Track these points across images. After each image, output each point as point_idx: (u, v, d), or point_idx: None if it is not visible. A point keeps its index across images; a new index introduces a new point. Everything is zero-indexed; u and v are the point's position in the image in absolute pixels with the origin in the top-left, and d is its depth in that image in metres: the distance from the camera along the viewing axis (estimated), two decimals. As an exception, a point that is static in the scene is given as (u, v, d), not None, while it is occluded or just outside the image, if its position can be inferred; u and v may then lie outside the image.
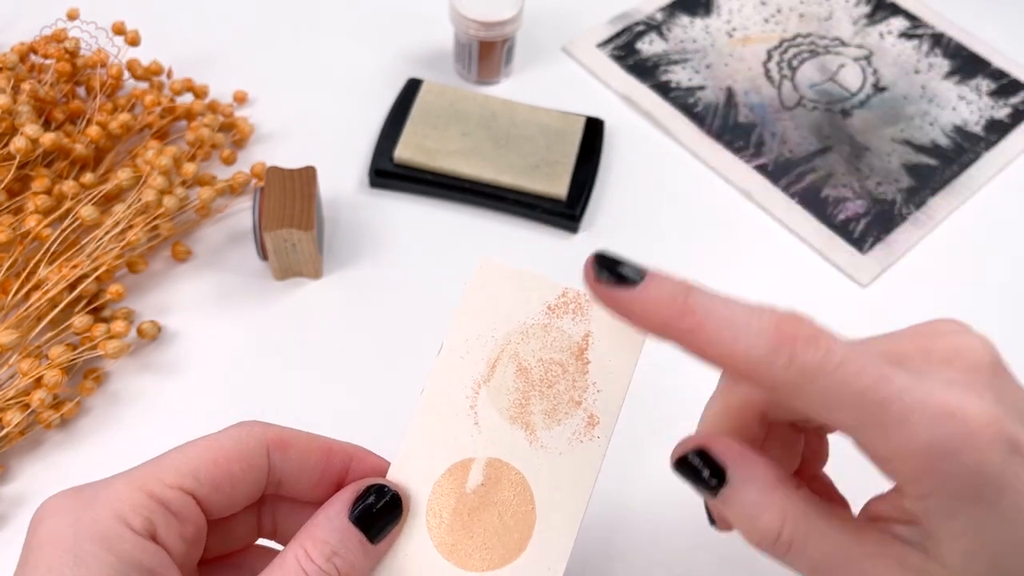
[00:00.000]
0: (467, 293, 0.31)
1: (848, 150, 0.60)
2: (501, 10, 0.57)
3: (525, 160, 0.55)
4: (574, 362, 0.30)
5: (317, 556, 0.26)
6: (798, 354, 0.24)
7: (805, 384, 0.24)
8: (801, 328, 0.24)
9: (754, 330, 0.24)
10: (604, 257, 0.27)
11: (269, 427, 0.29)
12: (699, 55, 0.65)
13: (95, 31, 0.57)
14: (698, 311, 0.25)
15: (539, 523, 0.29)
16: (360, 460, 0.30)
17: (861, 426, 0.24)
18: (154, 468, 0.26)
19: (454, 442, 0.30)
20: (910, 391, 0.23)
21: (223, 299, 0.51)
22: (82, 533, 0.24)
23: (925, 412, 0.23)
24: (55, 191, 0.49)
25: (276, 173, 0.50)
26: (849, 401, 0.24)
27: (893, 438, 0.24)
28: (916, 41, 0.67)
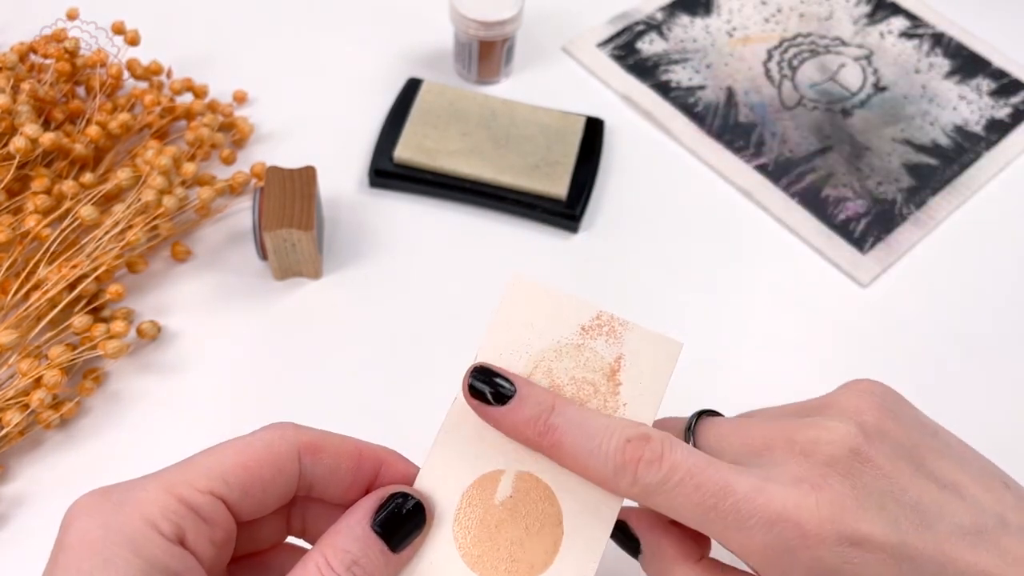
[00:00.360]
0: (501, 307, 0.31)
1: (848, 150, 0.60)
2: (501, 10, 0.57)
3: (525, 160, 0.55)
4: (605, 383, 0.31)
5: (337, 564, 0.26)
6: (640, 475, 0.27)
7: (648, 498, 0.28)
8: (646, 450, 0.27)
9: (602, 452, 0.28)
10: (479, 372, 0.30)
11: (301, 430, 0.28)
12: (699, 55, 0.65)
13: (95, 31, 0.57)
14: (557, 431, 0.29)
15: (566, 539, 0.29)
16: (390, 465, 0.30)
17: (706, 530, 0.28)
18: (185, 471, 0.26)
19: (484, 453, 0.30)
20: (748, 500, 0.27)
21: (223, 299, 0.51)
22: (111, 536, 0.24)
23: (762, 518, 0.26)
24: (55, 191, 0.49)
25: (276, 173, 0.50)
26: (689, 513, 0.27)
27: (734, 539, 0.27)
28: (916, 41, 0.67)
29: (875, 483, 0.27)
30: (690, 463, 0.27)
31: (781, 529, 0.26)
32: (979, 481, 0.29)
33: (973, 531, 0.27)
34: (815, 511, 0.26)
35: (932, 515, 0.27)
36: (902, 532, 0.27)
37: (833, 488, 0.27)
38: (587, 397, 0.30)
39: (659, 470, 0.27)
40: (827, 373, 0.41)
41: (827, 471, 0.27)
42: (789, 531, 0.26)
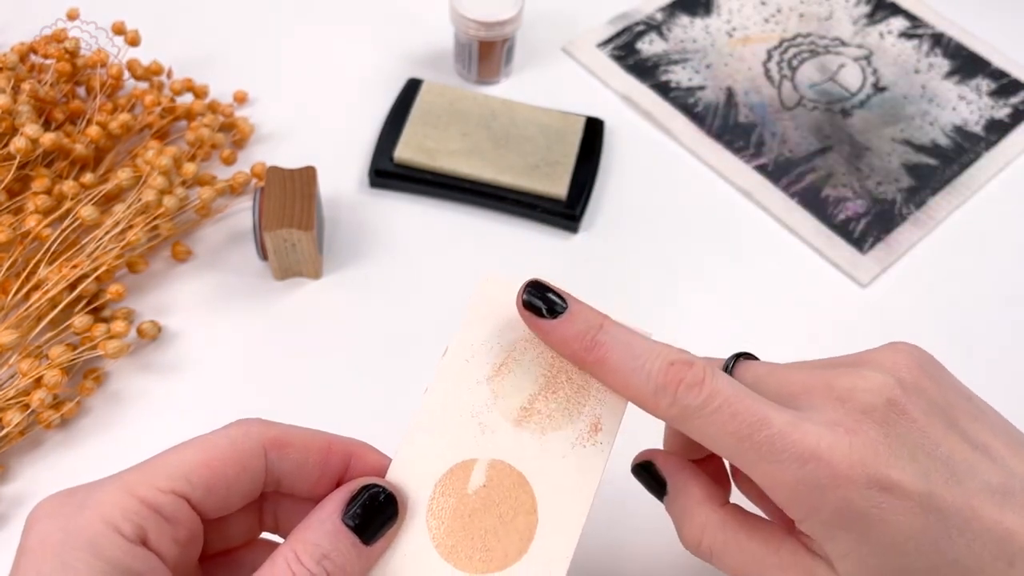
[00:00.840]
0: (472, 303, 0.32)
1: (848, 150, 0.60)
2: (501, 10, 0.57)
3: (525, 160, 0.55)
4: (577, 373, 0.31)
5: (307, 559, 0.26)
6: (679, 397, 0.28)
7: (685, 421, 0.28)
8: (688, 374, 0.28)
9: (645, 371, 0.28)
10: (537, 284, 0.30)
11: (267, 426, 0.28)
12: (699, 55, 0.65)
13: (95, 31, 0.57)
14: (603, 347, 0.29)
15: (541, 526, 0.29)
16: (360, 457, 0.30)
17: (738, 461, 0.28)
18: (146, 472, 0.26)
19: (457, 443, 0.30)
20: (783, 435, 0.27)
21: (223, 299, 0.51)
22: (71, 538, 0.24)
23: (795, 454, 0.27)
24: (55, 191, 0.49)
25: (276, 173, 0.50)
26: (724, 440, 0.28)
27: (765, 472, 0.27)
28: (916, 41, 0.67)
29: (909, 434, 0.28)
30: (729, 391, 0.28)
31: (813, 467, 0.27)
32: (1010, 447, 0.29)
33: (1001, 491, 0.27)
34: (847, 453, 0.27)
35: (962, 471, 0.27)
36: (931, 483, 0.27)
37: (867, 434, 0.27)
38: (559, 385, 0.31)
39: (699, 394, 0.28)
40: (827, 373, 0.41)
41: (862, 417, 0.27)
42: (821, 469, 0.27)
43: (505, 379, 0.31)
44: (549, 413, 0.30)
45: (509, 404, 0.30)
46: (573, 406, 0.30)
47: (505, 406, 0.30)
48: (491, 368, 0.31)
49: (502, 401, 0.30)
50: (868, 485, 0.26)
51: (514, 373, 0.31)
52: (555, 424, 0.30)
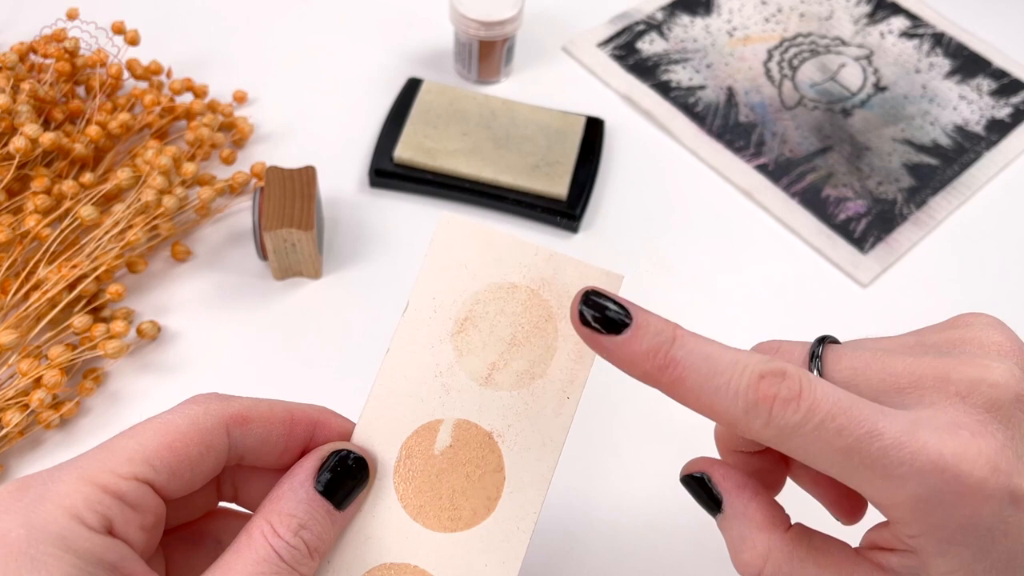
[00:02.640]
0: (431, 251, 0.30)
1: (849, 150, 0.60)
2: (501, 10, 0.57)
3: (525, 160, 0.55)
4: (543, 323, 0.30)
5: (284, 531, 0.25)
6: (775, 415, 0.24)
7: (784, 442, 0.25)
8: (782, 387, 0.24)
9: (732, 389, 0.25)
10: (592, 297, 0.27)
11: (227, 401, 0.27)
12: (699, 55, 0.65)
13: (95, 31, 0.57)
14: (679, 365, 0.25)
15: (508, 483, 0.29)
16: (324, 425, 0.29)
17: (847, 478, 0.25)
18: (105, 458, 0.25)
19: (421, 403, 0.29)
20: (899, 446, 0.24)
21: (223, 299, 0.51)
22: (36, 534, 0.23)
23: (915, 467, 0.23)
24: (55, 191, 0.49)
25: (276, 173, 0.50)
26: (829, 458, 0.24)
27: (879, 489, 0.24)
28: (917, 41, 0.67)
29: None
30: (830, 402, 0.24)
31: (937, 480, 0.23)
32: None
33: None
34: (976, 462, 0.23)
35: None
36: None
37: (994, 436, 0.24)
38: (524, 339, 0.29)
39: (797, 409, 0.24)
40: (827, 373, 0.41)
41: (987, 417, 0.24)
42: (946, 483, 0.23)
43: (469, 335, 0.30)
44: (515, 370, 0.29)
45: (474, 362, 0.30)
46: (539, 362, 0.30)
47: (470, 364, 0.30)
48: (454, 324, 0.30)
49: (466, 358, 0.30)
50: (1000, 498, 0.23)
51: (478, 328, 0.30)
52: (521, 381, 0.29)
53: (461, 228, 0.30)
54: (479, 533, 0.29)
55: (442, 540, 0.29)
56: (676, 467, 0.31)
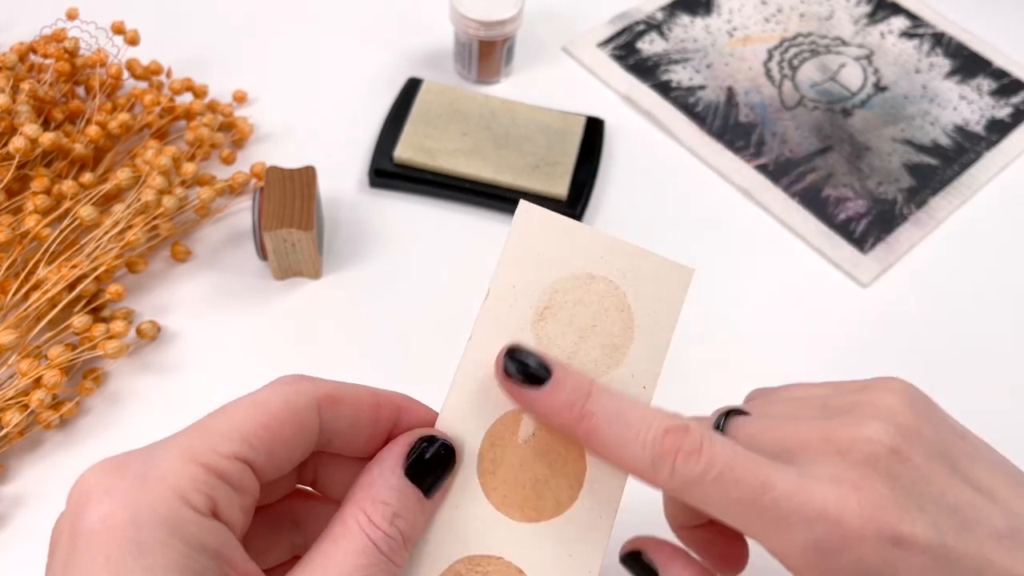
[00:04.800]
0: (510, 239, 0.30)
1: (849, 150, 0.60)
2: (501, 10, 0.57)
3: (525, 160, 0.55)
4: (619, 313, 0.30)
5: (380, 520, 0.25)
6: (678, 467, 0.26)
7: (687, 492, 0.27)
8: (685, 441, 0.27)
9: (640, 442, 0.27)
10: (515, 352, 0.28)
11: (317, 382, 0.27)
12: (700, 55, 0.65)
13: (95, 31, 0.57)
14: (594, 417, 0.27)
15: (589, 473, 0.29)
16: (408, 411, 0.29)
17: (745, 528, 0.27)
18: (204, 436, 0.24)
19: (503, 392, 0.29)
20: (789, 497, 0.26)
21: (223, 299, 0.51)
22: (142, 517, 0.22)
23: (803, 515, 0.26)
24: (54, 191, 0.49)
25: (276, 173, 0.50)
26: (729, 507, 0.26)
27: (775, 538, 0.26)
28: (917, 40, 0.67)
29: (914, 484, 0.27)
30: (728, 456, 0.26)
31: (823, 528, 0.25)
32: (1009, 486, 0.28)
33: (1008, 534, 0.27)
34: (857, 510, 0.26)
35: (970, 518, 0.27)
36: (943, 534, 0.26)
37: (874, 488, 0.26)
38: (603, 328, 0.30)
39: (698, 462, 0.26)
40: (828, 373, 0.41)
41: (866, 471, 0.26)
42: (831, 530, 0.25)
43: (548, 324, 0.30)
44: (595, 358, 0.30)
45: (554, 349, 0.30)
46: (617, 350, 0.30)
47: (551, 350, 0.30)
48: (534, 312, 0.30)
49: (547, 346, 0.30)
50: (881, 542, 0.25)
51: (557, 318, 0.30)
52: (600, 369, 0.30)
53: (539, 217, 0.31)
54: (562, 523, 0.29)
55: (526, 531, 0.28)
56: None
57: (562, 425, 0.28)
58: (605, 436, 0.27)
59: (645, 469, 0.27)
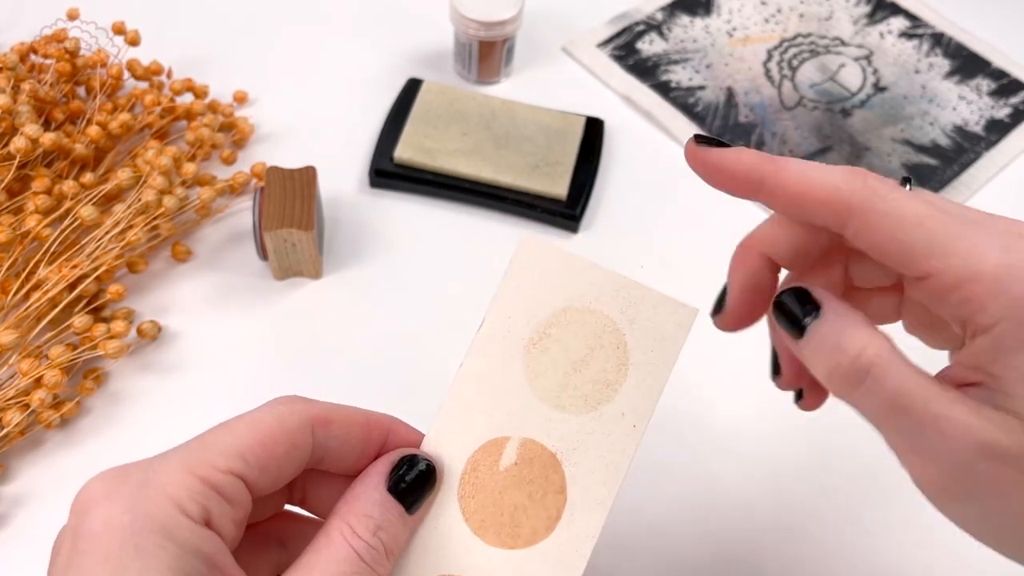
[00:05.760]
0: (510, 271, 0.31)
1: (848, 150, 0.60)
2: (501, 10, 0.57)
3: (525, 160, 0.55)
4: (614, 350, 0.30)
5: (363, 531, 0.26)
6: (870, 179, 0.25)
7: (878, 202, 0.25)
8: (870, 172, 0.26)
9: (829, 168, 0.26)
10: (704, 136, 0.28)
11: (309, 403, 0.28)
12: (699, 55, 0.65)
13: (95, 31, 0.57)
14: (780, 160, 0.27)
15: (569, 505, 0.29)
16: (396, 432, 0.30)
17: (930, 246, 0.24)
18: (203, 450, 0.25)
19: (489, 419, 0.30)
20: (983, 220, 0.24)
21: (223, 299, 0.51)
22: (140, 522, 0.23)
23: (996, 233, 0.24)
24: (55, 191, 0.49)
25: (276, 173, 0.50)
26: (917, 224, 0.24)
27: (961, 259, 0.23)
28: (916, 41, 0.67)
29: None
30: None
31: (1022, 248, 0.24)
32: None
33: None
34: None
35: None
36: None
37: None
38: (595, 363, 0.30)
39: (887, 183, 0.25)
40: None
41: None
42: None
43: (540, 356, 0.30)
44: (584, 393, 0.30)
45: (544, 382, 0.30)
46: (609, 387, 0.30)
47: (539, 384, 0.30)
48: (527, 343, 0.30)
49: (537, 379, 0.30)
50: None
51: (550, 350, 0.30)
52: (589, 405, 0.30)
53: (540, 250, 0.31)
54: (537, 552, 0.29)
55: (500, 556, 0.29)
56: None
57: (751, 167, 0.27)
58: (794, 168, 0.27)
59: (836, 183, 0.26)
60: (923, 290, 0.25)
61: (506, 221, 0.55)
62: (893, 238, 0.25)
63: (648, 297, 0.30)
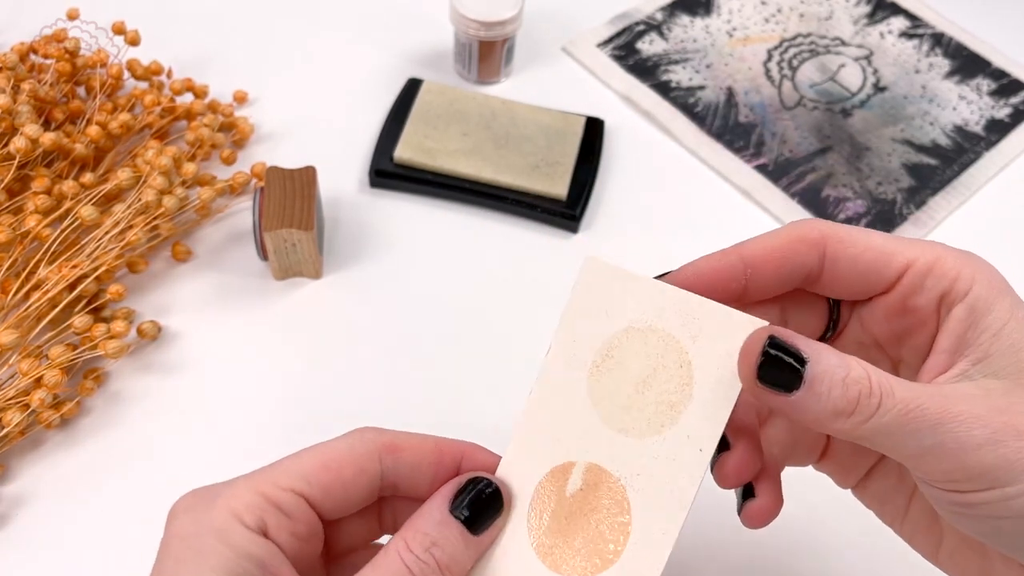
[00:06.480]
0: (575, 293, 0.30)
1: (848, 150, 0.60)
2: (501, 10, 0.57)
3: (525, 160, 0.55)
4: (678, 370, 0.29)
5: (416, 547, 0.27)
6: (817, 223, 0.30)
7: (839, 229, 0.29)
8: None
9: (778, 233, 0.29)
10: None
11: (382, 432, 0.30)
12: (699, 55, 0.65)
13: (95, 31, 0.57)
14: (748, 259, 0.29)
15: (634, 534, 0.29)
16: (470, 457, 0.31)
17: (897, 246, 0.28)
18: (270, 472, 0.28)
19: (556, 444, 0.30)
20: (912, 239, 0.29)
21: (223, 299, 0.51)
22: (202, 528, 0.27)
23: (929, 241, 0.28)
24: (55, 191, 0.49)
25: (276, 173, 0.50)
26: (879, 236, 0.29)
27: (926, 247, 0.29)
28: (916, 41, 0.67)
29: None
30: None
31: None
32: None
33: None
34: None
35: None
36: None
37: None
38: (661, 386, 0.29)
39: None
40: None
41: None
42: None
43: (604, 377, 0.30)
44: (648, 417, 0.29)
45: (608, 405, 0.29)
46: (672, 408, 0.29)
47: (604, 407, 0.30)
48: (591, 366, 0.30)
49: (601, 401, 0.30)
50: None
51: (613, 372, 0.30)
52: (653, 428, 0.29)
53: (604, 271, 0.30)
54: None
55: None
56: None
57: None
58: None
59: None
60: (897, 293, 0.29)
61: (506, 221, 0.55)
62: (869, 247, 0.28)
63: (711, 312, 0.29)
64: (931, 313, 0.28)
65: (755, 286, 0.30)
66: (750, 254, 0.30)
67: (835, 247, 0.29)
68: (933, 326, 0.29)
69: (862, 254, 0.28)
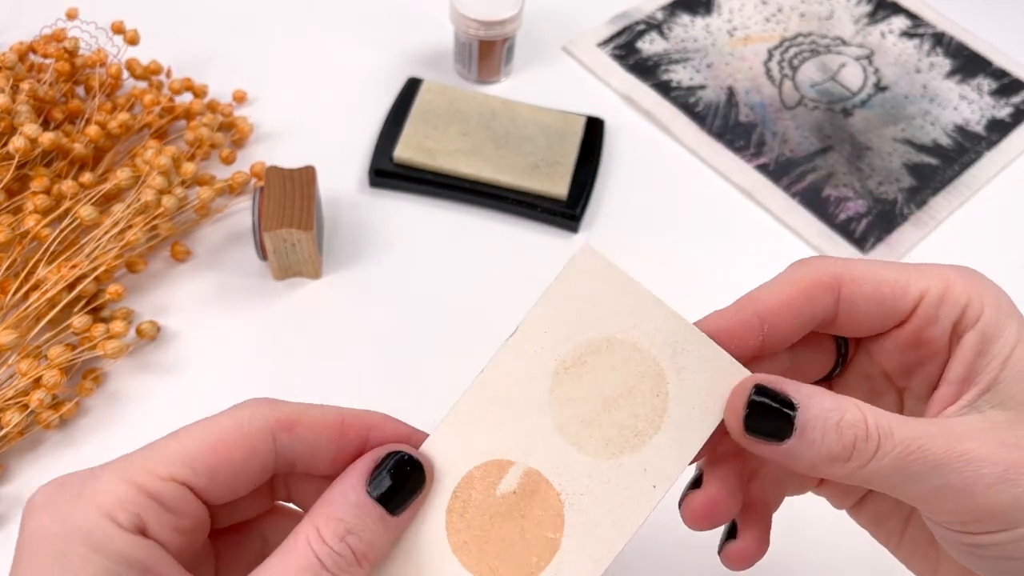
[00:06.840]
0: (559, 280, 0.28)
1: (849, 149, 0.60)
2: (501, 10, 0.57)
3: (525, 160, 0.55)
4: (655, 400, 0.27)
5: (330, 536, 0.24)
6: (826, 260, 0.29)
7: (853, 264, 0.28)
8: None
9: (790, 280, 0.28)
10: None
11: (275, 406, 0.26)
12: (700, 54, 0.65)
13: (95, 31, 0.57)
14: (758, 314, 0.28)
15: (562, 553, 0.26)
16: (379, 429, 0.27)
17: (910, 275, 0.27)
18: (146, 457, 0.24)
19: (498, 438, 0.27)
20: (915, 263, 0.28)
21: (223, 299, 0.51)
22: (68, 531, 0.23)
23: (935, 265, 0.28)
24: (54, 191, 0.49)
25: (276, 173, 0.50)
26: (892, 267, 0.28)
27: (935, 275, 0.28)
28: (917, 40, 0.67)
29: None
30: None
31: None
32: None
33: None
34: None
35: None
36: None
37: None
38: (628, 406, 0.27)
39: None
40: (828, 373, 0.41)
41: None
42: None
43: (572, 382, 0.27)
44: (608, 438, 0.27)
45: (567, 412, 0.27)
46: (637, 436, 0.27)
47: (563, 413, 0.27)
48: (558, 365, 0.27)
49: (560, 406, 0.27)
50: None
51: (582, 379, 0.27)
52: (611, 452, 0.27)
53: (600, 266, 0.27)
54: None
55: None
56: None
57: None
58: None
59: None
60: (912, 326, 0.28)
61: (506, 221, 0.55)
62: (883, 281, 0.27)
63: (705, 347, 0.27)
64: (944, 344, 0.27)
65: (772, 340, 0.28)
66: (765, 308, 0.28)
67: (850, 288, 0.27)
68: (945, 356, 0.28)
69: (877, 290, 0.27)
